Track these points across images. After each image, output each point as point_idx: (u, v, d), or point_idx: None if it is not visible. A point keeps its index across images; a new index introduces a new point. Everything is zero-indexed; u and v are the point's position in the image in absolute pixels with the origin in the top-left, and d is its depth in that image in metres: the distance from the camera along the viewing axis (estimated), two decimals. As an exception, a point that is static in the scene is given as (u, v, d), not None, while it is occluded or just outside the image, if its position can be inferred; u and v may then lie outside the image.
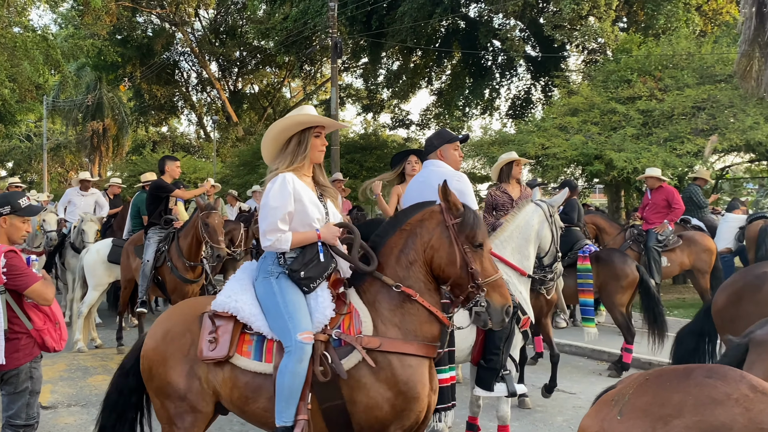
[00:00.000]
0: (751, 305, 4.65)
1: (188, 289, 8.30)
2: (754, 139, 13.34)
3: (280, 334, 3.53)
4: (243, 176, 24.32)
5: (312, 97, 39.50)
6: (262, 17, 28.64)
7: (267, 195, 3.62)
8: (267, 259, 3.73)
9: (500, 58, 26.16)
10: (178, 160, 8.99)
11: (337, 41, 20.30)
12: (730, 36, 17.93)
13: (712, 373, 2.04)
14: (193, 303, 3.95)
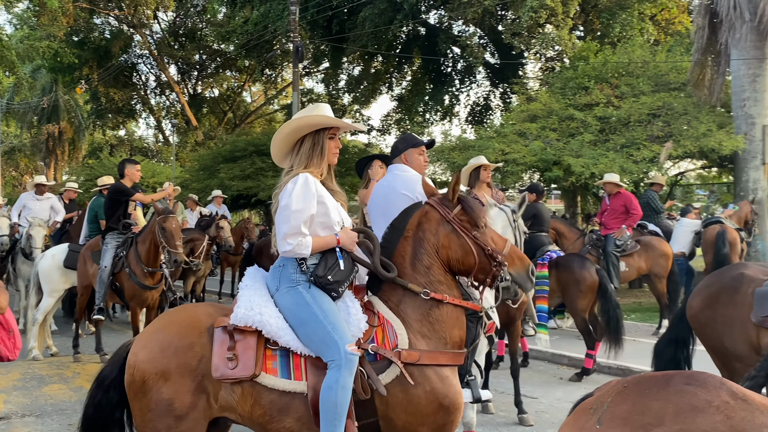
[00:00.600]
0: (729, 308, 4.67)
1: (147, 295, 8.18)
2: (707, 146, 13.66)
3: (321, 347, 3.25)
4: (203, 181, 24.09)
5: (273, 101, 39.35)
6: (222, 20, 28.44)
7: (289, 195, 3.36)
8: (287, 267, 3.44)
9: (460, 65, 26.43)
10: (138, 164, 8.85)
11: (298, 45, 20.27)
12: (683, 45, 18.38)
13: (692, 380, 2.02)
14: (188, 313, 3.55)
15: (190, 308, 3.64)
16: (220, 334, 3.32)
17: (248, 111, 39.92)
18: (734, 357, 4.60)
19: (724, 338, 4.64)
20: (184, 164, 34.19)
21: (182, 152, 37.64)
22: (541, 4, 18.11)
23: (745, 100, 14.44)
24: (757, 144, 14.21)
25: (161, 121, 39.18)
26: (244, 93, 40.37)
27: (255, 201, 24.43)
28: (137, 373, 3.35)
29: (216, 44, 31.03)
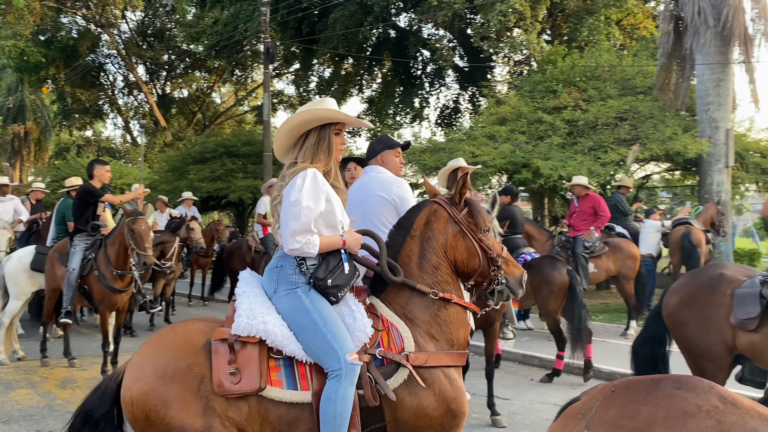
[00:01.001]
0: (707, 307, 4.68)
1: (117, 298, 8.08)
2: (672, 149, 13.91)
3: (321, 355, 3.11)
4: (172, 182, 23.94)
5: (243, 102, 39.15)
6: (192, 21, 28.23)
7: (298, 190, 3.18)
8: (285, 268, 3.26)
9: (429, 68, 26.56)
10: (107, 165, 8.72)
11: (269, 47, 20.21)
12: (648, 50, 18.69)
13: (681, 384, 2.01)
14: (179, 333, 3.27)
15: (179, 327, 3.34)
16: (218, 347, 3.10)
17: (218, 112, 39.65)
18: (707, 357, 4.63)
19: (700, 338, 4.66)
20: (153, 165, 33.87)
21: (150, 153, 37.27)
22: (510, 7, 18.29)
23: (709, 104, 14.71)
24: (720, 147, 14.48)
25: (129, 121, 38.74)
26: (213, 94, 40.11)
27: (225, 203, 24.34)
28: (137, 408, 3.06)
29: (185, 45, 30.76)
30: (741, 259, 19.87)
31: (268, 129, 20.90)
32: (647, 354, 5.13)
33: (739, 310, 4.47)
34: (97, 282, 8.05)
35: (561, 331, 7.90)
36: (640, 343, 5.24)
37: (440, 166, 15.58)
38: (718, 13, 14.21)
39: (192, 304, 15.00)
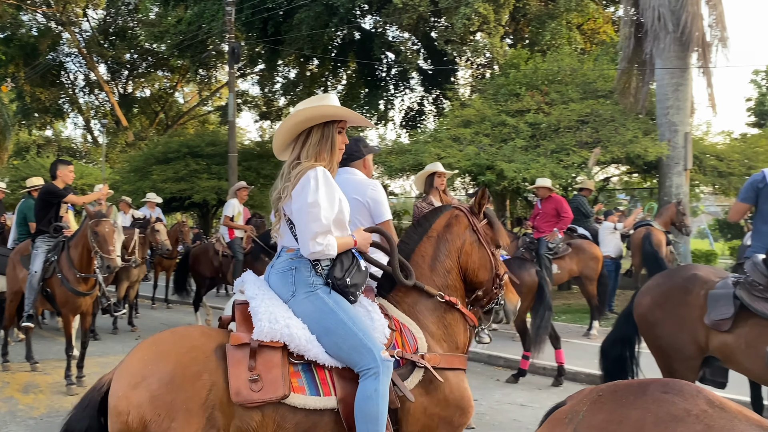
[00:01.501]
0: (680, 308, 4.68)
1: (80, 302, 7.94)
2: (633, 152, 14.17)
3: (354, 355, 3.00)
4: (134, 183, 23.68)
5: (207, 102, 38.85)
6: (155, 20, 27.94)
7: (314, 191, 3.06)
8: (301, 270, 3.14)
9: (394, 70, 26.66)
10: (71, 165, 8.55)
11: (234, 46, 20.11)
12: (608, 54, 19.03)
13: (668, 388, 1.99)
14: (183, 336, 3.03)
15: (181, 332, 3.10)
16: (235, 353, 2.92)
17: (180, 112, 39.31)
18: (679, 357, 4.66)
19: (673, 338, 4.69)
20: (114, 165, 33.44)
21: (112, 153, 36.78)
22: (474, 11, 18.47)
23: (668, 108, 15.03)
24: (679, 151, 14.80)
25: (90, 121, 38.22)
26: (176, 93, 39.75)
27: (189, 203, 24.14)
28: (133, 418, 2.76)
29: (148, 44, 30.44)
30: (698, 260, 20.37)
31: (233, 129, 20.80)
32: (616, 354, 5.13)
33: (713, 311, 4.50)
34: (59, 285, 7.87)
35: (528, 331, 7.96)
36: (610, 344, 5.23)
37: (406, 167, 15.72)
38: (677, 19, 14.52)
39: (155, 307, 14.86)
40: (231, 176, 19.84)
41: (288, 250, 3.22)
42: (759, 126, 27.76)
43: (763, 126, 26.96)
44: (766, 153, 15.82)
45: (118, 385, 2.85)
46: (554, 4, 21.14)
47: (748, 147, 16.45)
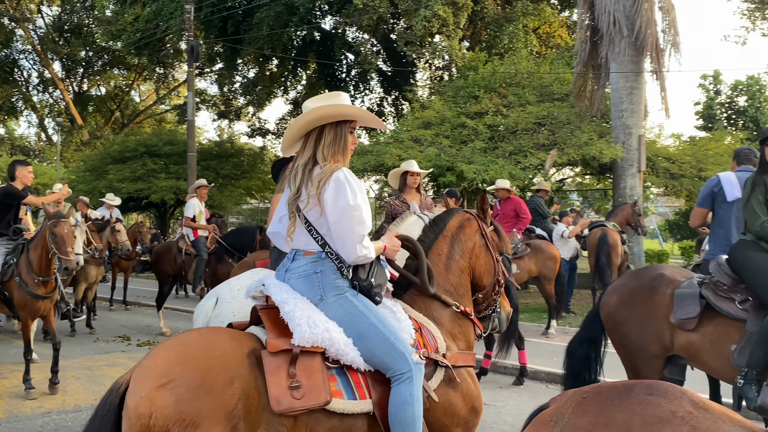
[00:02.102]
0: (646, 307, 4.72)
1: (39, 305, 7.80)
2: (589, 154, 14.46)
3: (387, 359, 2.94)
4: (90, 182, 23.37)
5: (164, 101, 38.41)
6: (111, 17, 27.55)
7: (354, 194, 2.97)
8: (326, 273, 3.03)
9: (354, 71, 26.74)
10: (30, 165, 8.38)
11: (193, 45, 19.95)
12: (564, 58, 19.39)
13: (653, 389, 1.99)
14: (212, 339, 2.85)
15: (209, 334, 2.93)
16: (273, 360, 2.79)
17: (137, 110, 38.79)
18: (643, 356, 4.73)
19: (639, 337, 4.74)
20: (69, 165, 32.87)
21: (66, 152, 36.14)
22: (434, 14, 18.65)
23: (623, 111, 15.36)
24: (633, 153, 15.14)
25: (44, 119, 37.50)
26: (132, 92, 39.23)
27: (146, 203, 23.89)
28: (156, 421, 2.56)
29: (104, 42, 30.00)
30: (651, 260, 20.86)
31: (192, 128, 20.64)
32: (582, 354, 5.16)
33: (678, 310, 4.56)
34: (18, 288, 7.71)
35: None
36: (576, 344, 5.24)
37: (367, 168, 15.80)
38: (632, 24, 14.86)
39: (114, 308, 14.68)
40: (190, 176, 19.68)
41: (306, 253, 3.10)
42: (707, 129, 28.54)
43: (710, 129, 27.72)
44: (716, 156, 16.28)
45: (141, 386, 2.64)
46: (511, 8, 21.47)
47: (698, 150, 16.91)
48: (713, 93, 30.79)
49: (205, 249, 10.84)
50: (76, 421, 6.19)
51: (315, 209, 3.01)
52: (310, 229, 3.07)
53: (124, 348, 9.85)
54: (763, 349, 4.20)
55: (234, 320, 3.73)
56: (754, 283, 4.42)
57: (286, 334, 2.86)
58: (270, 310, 3.00)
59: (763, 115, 28.73)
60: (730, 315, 4.44)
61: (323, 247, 3.05)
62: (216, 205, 22.98)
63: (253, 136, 31.38)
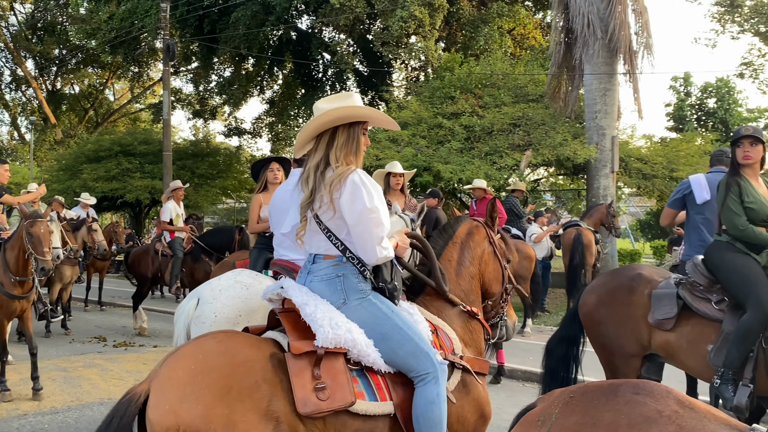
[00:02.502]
0: (624, 306, 4.76)
1: (16, 305, 7.72)
2: (563, 155, 14.63)
3: (411, 360, 2.93)
4: (64, 182, 23.12)
5: (139, 100, 38.13)
6: (86, 15, 27.30)
7: (371, 196, 2.94)
8: (348, 277, 3.00)
9: (331, 71, 26.78)
10: (6, 164, 8.33)
11: (169, 43, 19.83)
12: (538, 60, 19.59)
13: (639, 389, 2.00)
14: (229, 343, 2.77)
15: (225, 340, 2.81)
16: (297, 363, 2.75)
17: (111, 109, 38.45)
18: (621, 355, 4.78)
19: (617, 336, 4.78)
20: (42, 164, 32.51)
21: (39, 151, 35.75)
22: (410, 14, 18.74)
23: (596, 112, 15.55)
24: (607, 153, 15.34)
25: (17, 117, 37.03)
26: (107, 90, 38.85)
27: (121, 203, 23.71)
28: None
29: (78, 40, 29.73)
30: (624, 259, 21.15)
31: (168, 128, 20.51)
32: (561, 353, 5.19)
33: (656, 310, 4.60)
34: (-6, 288, 7.70)
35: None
36: (555, 342, 5.25)
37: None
38: (606, 26, 15.05)
39: (89, 309, 14.59)
40: (166, 175, 19.58)
41: (326, 257, 3.05)
42: (678, 130, 28.96)
43: (681, 130, 28.15)
44: (687, 156, 16.55)
45: (164, 398, 2.54)
46: (486, 9, 21.64)
47: (670, 151, 17.18)
48: (684, 95, 31.26)
49: (181, 249, 10.79)
50: (52, 423, 6.16)
51: (330, 213, 2.97)
52: (329, 235, 3.02)
53: (100, 349, 9.81)
54: (739, 349, 4.26)
55: (215, 321, 3.78)
56: (729, 284, 4.48)
57: (307, 336, 2.84)
58: (289, 313, 2.97)
59: (732, 116, 29.24)
60: (707, 315, 4.49)
61: (344, 252, 3.01)
62: (192, 204, 22.87)
63: (229, 135, 31.29)
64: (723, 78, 30.11)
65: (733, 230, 4.51)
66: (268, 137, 31.14)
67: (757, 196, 4.49)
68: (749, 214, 4.45)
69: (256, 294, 3.91)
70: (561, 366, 5.17)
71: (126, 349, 9.76)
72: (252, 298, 3.92)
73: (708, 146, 18.55)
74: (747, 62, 24.11)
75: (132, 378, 7.76)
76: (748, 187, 4.50)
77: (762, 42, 22.87)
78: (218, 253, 10.50)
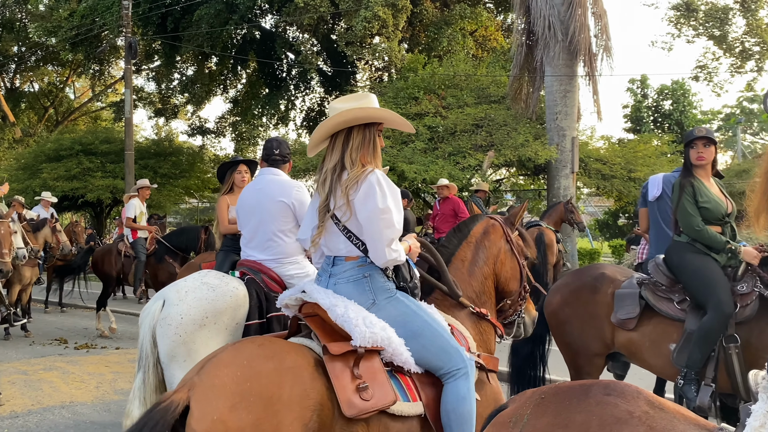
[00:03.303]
0: (588, 306, 4.79)
1: (-25, 307, 7.73)
2: (524, 156, 14.86)
3: (443, 356, 2.90)
4: (23, 181, 22.75)
5: (100, 98, 37.59)
6: (45, 12, 26.86)
7: (383, 196, 2.90)
8: (375, 277, 2.98)
9: (295, 71, 26.74)
10: None
11: (131, 41, 19.66)
12: (500, 62, 19.84)
13: (610, 390, 2.00)
14: (277, 351, 2.65)
15: (267, 345, 2.69)
16: (337, 364, 2.69)
17: (72, 108, 37.84)
18: (585, 354, 4.84)
19: (581, 335, 4.81)
20: (0, 163, 31.87)
21: (-3, 150, 35.05)
22: (374, 15, 18.83)
23: (557, 113, 15.80)
24: (567, 154, 15.60)
25: (-27, 116, 36.22)
26: (67, 89, 38.22)
27: (82, 202, 23.42)
28: None
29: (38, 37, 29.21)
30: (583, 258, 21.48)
31: (130, 127, 20.32)
32: (527, 352, 5.24)
33: (619, 310, 4.64)
34: (-47, 290, 7.63)
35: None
36: (521, 342, 5.18)
37: (310, 168, 15.89)
38: (566, 29, 15.28)
39: (49, 311, 14.39)
40: (128, 175, 19.41)
41: (348, 258, 3.02)
42: (635, 132, 29.51)
43: (638, 132, 28.68)
44: (644, 157, 16.91)
45: (210, 407, 2.40)
46: (449, 11, 21.83)
47: (628, 152, 17.52)
48: (641, 97, 31.85)
49: (144, 251, 10.69)
50: (12, 428, 6.07)
51: (347, 214, 2.95)
52: (349, 236, 2.99)
53: (61, 351, 9.69)
54: (701, 350, 4.30)
55: (181, 323, 3.77)
56: (689, 285, 4.51)
57: (339, 338, 2.78)
58: (315, 318, 2.91)
59: (687, 118, 29.89)
60: (669, 315, 4.53)
61: (365, 252, 2.98)
62: (154, 204, 22.67)
63: (192, 134, 31.02)
64: (678, 81, 30.77)
65: (688, 231, 4.54)
66: (232, 137, 31.00)
67: (711, 195, 4.54)
68: (704, 214, 4.49)
69: (223, 295, 3.93)
70: (528, 365, 5.25)
71: (88, 351, 9.67)
72: (219, 300, 3.91)
73: (665, 147, 19.00)
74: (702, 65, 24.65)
75: (94, 380, 7.70)
76: (701, 187, 4.55)
77: (716, 46, 23.40)
78: (183, 254, 10.44)
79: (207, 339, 3.81)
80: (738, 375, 4.28)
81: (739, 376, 4.28)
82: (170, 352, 3.76)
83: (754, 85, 25.07)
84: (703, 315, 4.35)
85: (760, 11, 21.95)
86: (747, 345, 4.27)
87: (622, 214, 29.42)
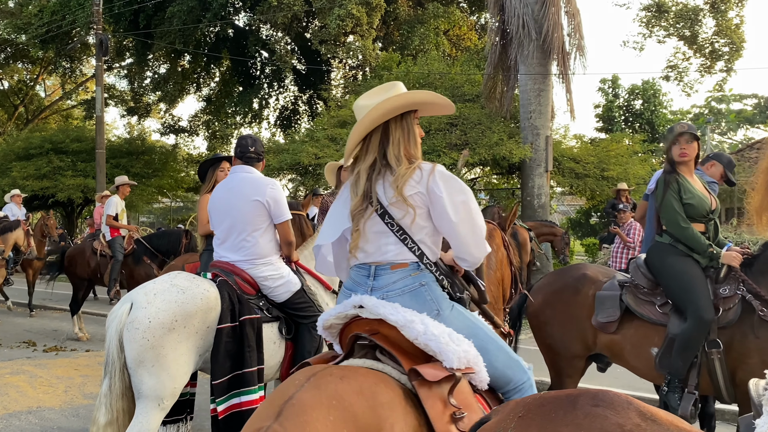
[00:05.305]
0: (570, 307, 4.75)
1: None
2: (499, 154, 14.89)
3: (507, 371, 2.60)
4: (-7, 179, 22.42)
5: (71, 96, 37.11)
6: (14, 9, 26.44)
7: (463, 190, 2.61)
8: (431, 285, 2.60)
9: (268, 69, 26.63)
10: None
11: (102, 38, 19.42)
12: (474, 61, 19.88)
13: (599, 400, 1.86)
14: (365, 384, 2.24)
15: (352, 376, 2.26)
16: (429, 393, 2.29)
17: (42, 105, 37.33)
18: (566, 356, 4.80)
19: (561, 337, 4.78)
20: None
21: (-35, 148, 34.44)
22: (348, 13, 18.80)
23: (531, 112, 15.85)
24: (541, 153, 15.65)
25: (-59, 114, 35.60)
26: (37, 86, 37.67)
27: (52, 202, 23.11)
28: None
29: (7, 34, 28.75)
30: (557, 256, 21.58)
31: (101, 125, 20.08)
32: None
33: (600, 313, 4.59)
34: None
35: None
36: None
37: (283, 166, 15.80)
38: (540, 27, 15.33)
39: (16, 310, 14.14)
40: (99, 174, 19.17)
41: (395, 267, 2.62)
42: (606, 131, 29.75)
43: (610, 131, 28.92)
44: (617, 156, 17.03)
45: None
46: (423, 9, 21.85)
47: (600, 151, 17.65)
48: (612, 96, 32.12)
49: (121, 250, 10.42)
50: (-21, 433, 5.99)
51: (410, 214, 2.58)
52: (404, 237, 2.59)
53: (30, 354, 9.51)
54: (683, 359, 4.26)
55: (149, 326, 3.66)
56: (669, 289, 4.45)
57: (420, 360, 2.41)
58: (387, 338, 2.48)
59: (657, 118, 30.19)
60: (650, 320, 4.47)
61: (420, 258, 2.61)
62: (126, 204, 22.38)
63: (165, 133, 30.74)
64: (649, 80, 31.08)
65: (673, 228, 4.45)
66: (205, 135, 30.76)
67: (695, 192, 4.48)
68: (689, 210, 4.42)
69: (193, 298, 3.84)
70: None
71: (57, 354, 9.50)
72: (189, 302, 3.81)
73: (636, 147, 19.15)
74: (672, 65, 24.88)
75: (63, 384, 7.57)
76: (685, 183, 4.49)
77: (686, 46, 23.65)
78: (163, 256, 10.23)
79: (176, 343, 3.73)
80: (720, 380, 4.25)
81: (721, 381, 4.25)
82: (137, 357, 3.67)
83: (723, 85, 25.32)
84: (685, 319, 4.29)
85: (729, 12, 22.21)
86: (729, 350, 4.22)
87: (594, 213, 29.65)
